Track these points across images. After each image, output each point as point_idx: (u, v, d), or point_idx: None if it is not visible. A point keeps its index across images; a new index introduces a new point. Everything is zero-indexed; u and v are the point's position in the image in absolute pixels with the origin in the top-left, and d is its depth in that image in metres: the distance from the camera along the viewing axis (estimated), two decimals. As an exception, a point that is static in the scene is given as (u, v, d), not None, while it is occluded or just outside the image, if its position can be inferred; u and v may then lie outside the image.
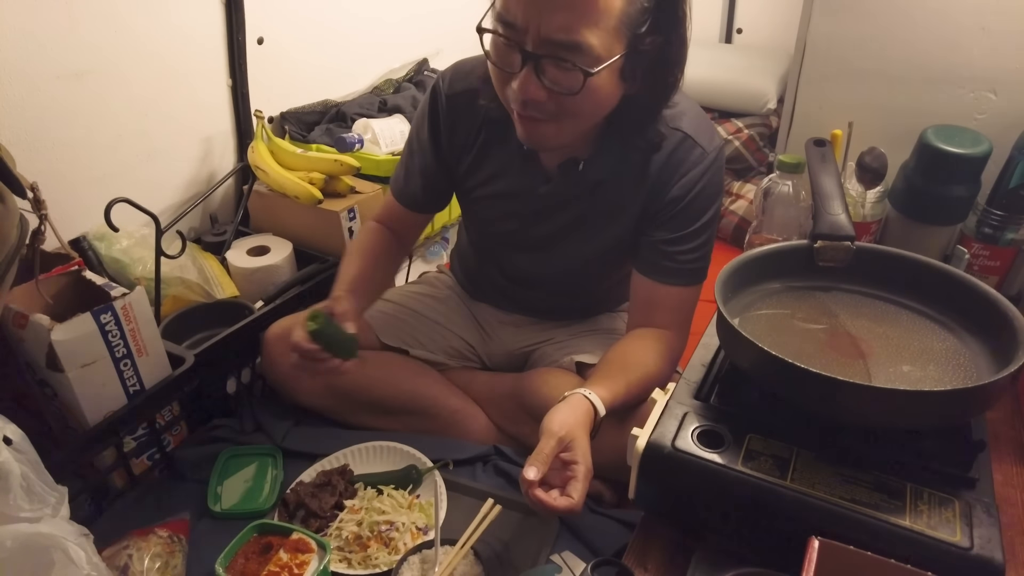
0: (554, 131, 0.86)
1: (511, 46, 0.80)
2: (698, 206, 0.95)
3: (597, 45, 0.78)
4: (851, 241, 0.88)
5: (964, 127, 1.27)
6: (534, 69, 0.80)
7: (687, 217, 0.96)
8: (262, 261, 1.39)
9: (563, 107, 0.83)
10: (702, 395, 0.81)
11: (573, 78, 0.80)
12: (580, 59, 0.78)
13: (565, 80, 0.80)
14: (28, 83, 1.17)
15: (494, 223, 1.10)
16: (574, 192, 0.99)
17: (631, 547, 0.80)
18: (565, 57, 0.78)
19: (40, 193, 0.85)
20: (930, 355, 0.79)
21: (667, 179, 0.95)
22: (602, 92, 0.83)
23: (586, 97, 0.81)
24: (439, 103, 1.02)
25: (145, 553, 0.88)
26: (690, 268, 0.98)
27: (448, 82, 1.02)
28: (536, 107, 0.83)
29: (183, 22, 1.39)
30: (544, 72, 0.80)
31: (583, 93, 0.80)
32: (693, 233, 0.96)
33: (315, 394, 1.14)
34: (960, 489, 0.68)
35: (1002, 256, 1.22)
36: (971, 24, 1.26)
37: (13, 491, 0.66)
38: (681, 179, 0.94)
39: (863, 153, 1.27)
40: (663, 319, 0.99)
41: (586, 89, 0.80)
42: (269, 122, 1.64)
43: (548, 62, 0.79)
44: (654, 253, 0.98)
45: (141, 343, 0.98)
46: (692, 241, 0.96)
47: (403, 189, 1.12)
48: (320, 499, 0.97)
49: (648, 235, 0.98)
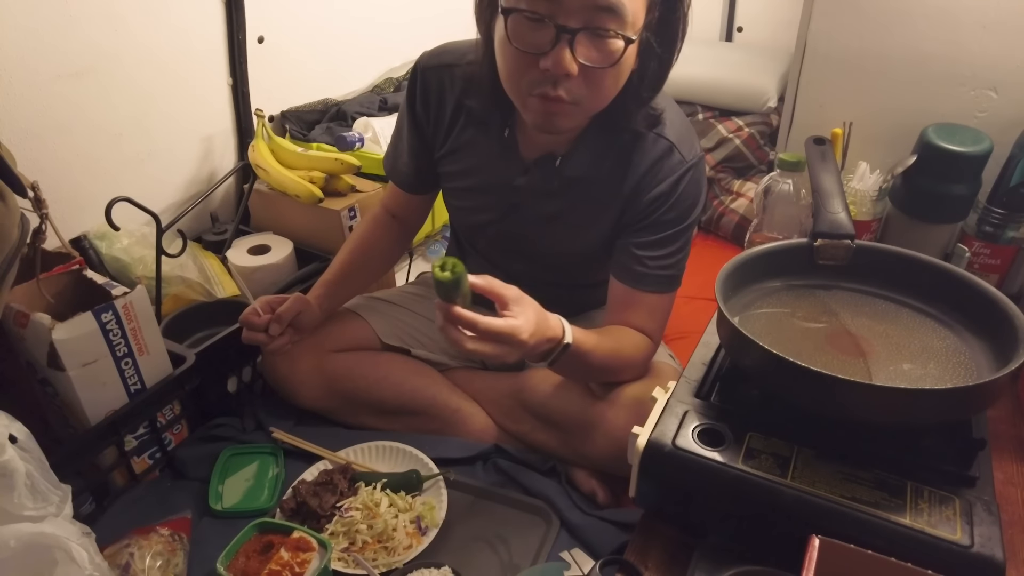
0: (574, 111, 0.85)
1: (541, 22, 0.78)
2: (674, 213, 0.94)
3: (632, 9, 0.77)
4: (851, 239, 0.88)
5: (965, 125, 1.27)
6: (569, 44, 0.77)
7: (662, 223, 0.95)
8: (263, 260, 1.40)
9: (591, 83, 0.81)
10: (702, 393, 0.81)
11: (611, 47, 0.78)
12: (617, 25, 0.77)
13: (599, 53, 0.79)
14: (28, 82, 1.17)
15: (472, 213, 1.10)
16: (550, 187, 0.98)
17: (632, 546, 0.80)
18: (605, 25, 0.77)
19: (41, 192, 0.85)
20: (930, 353, 0.79)
21: (646, 185, 0.94)
22: (627, 65, 0.83)
23: (616, 70, 0.81)
24: (417, 77, 1.02)
25: (146, 552, 0.88)
26: (662, 275, 0.97)
27: (428, 56, 1.02)
28: (566, 86, 0.81)
29: (183, 21, 1.39)
30: (577, 48, 0.78)
31: (618, 65, 0.79)
32: (667, 239, 0.95)
33: (315, 396, 1.14)
34: (960, 487, 0.68)
35: (1003, 254, 1.22)
36: (972, 22, 1.26)
37: (18, 489, 0.67)
38: (658, 186, 0.93)
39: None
40: (634, 321, 0.99)
41: (622, 60, 0.79)
42: (270, 121, 1.64)
43: (583, 35, 0.77)
44: (628, 258, 0.98)
45: (142, 342, 0.98)
46: (666, 247, 0.96)
47: (393, 168, 1.14)
48: (321, 498, 0.97)
49: (623, 240, 0.98)
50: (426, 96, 1.02)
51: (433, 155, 1.07)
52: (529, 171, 0.99)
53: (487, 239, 1.12)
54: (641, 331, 0.99)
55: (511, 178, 1.00)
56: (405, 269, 1.61)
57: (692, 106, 1.98)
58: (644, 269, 0.97)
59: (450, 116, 1.01)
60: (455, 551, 0.94)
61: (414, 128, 1.06)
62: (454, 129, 1.02)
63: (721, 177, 1.87)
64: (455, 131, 1.02)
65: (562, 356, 0.88)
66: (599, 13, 0.76)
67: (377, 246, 1.19)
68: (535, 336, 0.81)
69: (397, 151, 1.11)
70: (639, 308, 0.99)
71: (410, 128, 1.07)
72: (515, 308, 0.81)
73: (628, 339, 0.98)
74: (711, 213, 1.84)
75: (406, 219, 1.20)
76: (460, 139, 1.02)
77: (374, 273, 1.23)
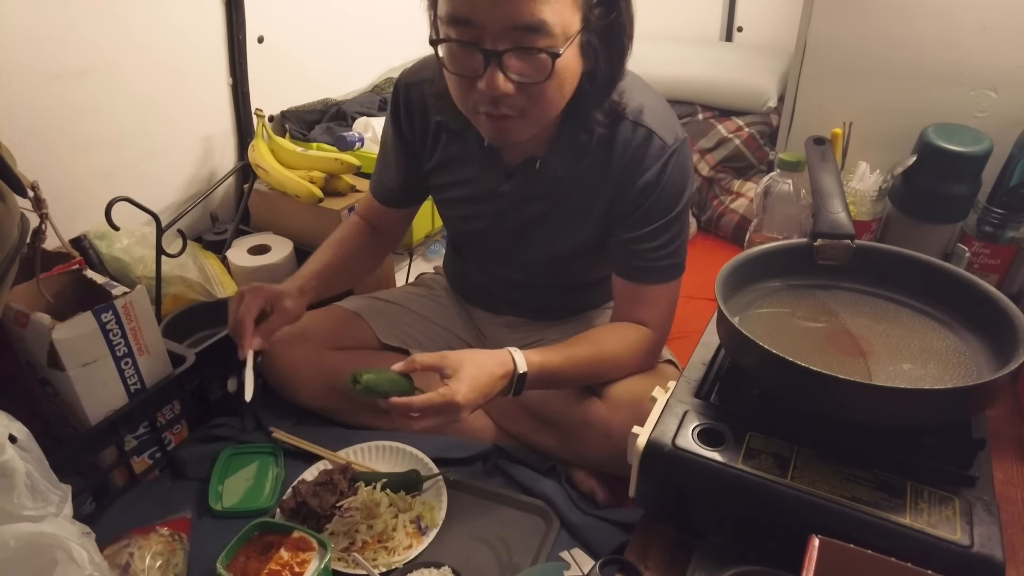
0: (522, 124, 0.85)
1: (469, 48, 0.78)
2: (664, 202, 0.94)
3: (557, 22, 0.76)
4: (851, 239, 0.88)
5: (965, 125, 1.27)
6: (498, 66, 0.78)
7: (653, 213, 0.94)
8: (263, 260, 1.40)
9: (532, 97, 0.81)
10: (702, 393, 0.81)
11: (540, 64, 0.78)
12: (543, 41, 0.77)
13: (531, 69, 0.79)
14: (28, 82, 1.17)
15: (465, 222, 1.10)
16: (534, 190, 0.99)
17: (631, 545, 0.80)
18: (529, 44, 0.77)
19: (41, 192, 0.85)
20: (930, 353, 0.79)
21: (630, 176, 0.93)
22: (567, 72, 0.82)
23: (554, 81, 0.80)
24: (400, 95, 1.03)
25: (146, 551, 0.88)
26: (663, 265, 0.97)
27: (408, 73, 1.02)
28: (507, 103, 0.81)
29: (183, 21, 1.39)
30: (508, 67, 0.78)
31: (552, 77, 0.79)
32: (661, 228, 0.95)
33: (315, 395, 1.14)
34: (960, 487, 0.68)
35: (1002, 254, 1.22)
36: (972, 22, 1.26)
37: (18, 489, 0.67)
38: (644, 174, 0.92)
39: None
40: (640, 315, 1.00)
41: (554, 72, 0.79)
42: (270, 121, 1.64)
43: (511, 55, 0.78)
44: (625, 253, 0.98)
45: (142, 342, 0.98)
46: (660, 237, 0.95)
47: (378, 184, 1.13)
48: (321, 498, 0.97)
49: (617, 235, 0.98)
50: (409, 112, 1.03)
51: (422, 167, 1.07)
52: (512, 176, 0.99)
53: (481, 246, 1.13)
54: (644, 323, 0.99)
55: (496, 185, 1.00)
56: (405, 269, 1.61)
57: (692, 106, 1.97)
58: (643, 263, 0.97)
59: (433, 130, 1.02)
60: (455, 551, 0.94)
61: (400, 143, 1.07)
62: (439, 143, 1.03)
63: (721, 177, 1.86)
64: (440, 145, 1.03)
65: (523, 385, 0.91)
66: (523, 33, 0.76)
67: (359, 252, 1.16)
68: (473, 392, 0.85)
69: (384, 166, 1.11)
70: (644, 301, 0.99)
71: (397, 143, 1.07)
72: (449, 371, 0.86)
73: (615, 338, 0.99)
74: (711, 213, 1.84)
75: (386, 231, 1.19)
76: (445, 153, 1.03)
77: (353, 277, 1.22)
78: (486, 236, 1.08)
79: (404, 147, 1.07)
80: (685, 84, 1.94)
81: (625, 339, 0.99)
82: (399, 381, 0.88)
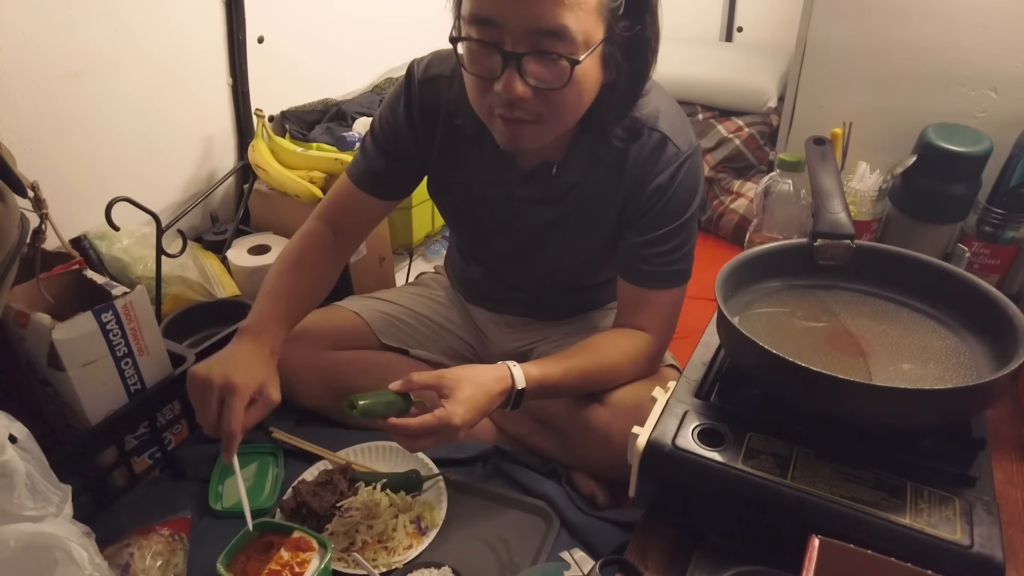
0: (537, 131, 0.84)
1: (489, 49, 0.78)
2: (673, 207, 0.94)
3: (580, 30, 0.76)
4: (851, 239, 0.88)
5: (965, 125, 1.28)
6: (516, 68, 0.77)
7: (663, 218, 0.94)
8: (263, 260, 1.40)
9: (549, 103, 0.81)
10: (702, 393, 0.81)
11: (559, 70, 0.78)
12: (564, 47, 0.76)
13: (550, 74, 0.78)
14: (28, 83, 1.17)
15: (475, 226, 1.10)
16: (550, 195, 0.98)
17: (632, 546, 0.80)
18: (549, 49, 0.76)
19: (41, 192, 0.85)
20: (930, 353, 0.79)
21: (643, 180, 0.93)
22: (587, 81, 0.82)
23: (572, 89, 0.80)
24: (413, 88, 0.99)
25: (146, 552, 0.88)
26: (669, 271, 0.97)
27: (423, 67, 0.99)
28: (523, 107, 0.81)
29: (183, 21, 1.39)
30: (526, 70, 0.78)
31: (570, 85, 0.79)
32: (669, 234, 0.95)
33: (314, 394, 1.14)
34: (960, 487, 0.68)
35: (1002, 254, 1.22)
36: (972, 22, 1.26)
37: (18, 489, 0.66)
38: (656, 179, 0.92)
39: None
40: (643, 321, 1.00)
41: (572, 80, 0.78)
42: (269, 121, 1.64)
43: (531, 59, 0.77)
44: (632, 256, 0.97)
45: (142, 342, 0.98)
46: (669, 242, 0.95)
47: (364, 170, 1.04)
48: (321, 498, 0.97)
49: (626, 238, 0.98)
50: (423, 108, 1.00)
51: (422, 162, 1.04)
52: (528, 181, 0.98)
53: (489, 249, 1.12)
54: (647, 328, 0.99)
55: (511, 189, 1.00)
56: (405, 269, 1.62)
57: (692, 106, 1.98)
58: (650, 267, 0.97)
59: (442, 129, 1.00)
60: (455, 551, 0.94)
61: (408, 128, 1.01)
62: (448, 142, 1.01)
63: (721, 177, 1.87)
64: (449, 144, 1.01)
65: (521, 400, 0.91)
66: (544, 37, 0.76)
67: (323, 271, 1.05)
68: (470, 413, 0.85)
69: (374, 151, 1.04)
70: (648, 306, 0.99)
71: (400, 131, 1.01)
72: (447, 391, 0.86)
73: (614, 347, 0.98)
74: (711, 213, 1.84)
75: (348, 235, 1.08)
76: (455, 153, 1.01)
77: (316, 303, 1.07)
78: (496, 239, 1.08)
79: (410, 134, 1.02)
80: (685, 84, 1.95)
81: (625, 347, 0.98)
82: (396, 402, 0.88)
